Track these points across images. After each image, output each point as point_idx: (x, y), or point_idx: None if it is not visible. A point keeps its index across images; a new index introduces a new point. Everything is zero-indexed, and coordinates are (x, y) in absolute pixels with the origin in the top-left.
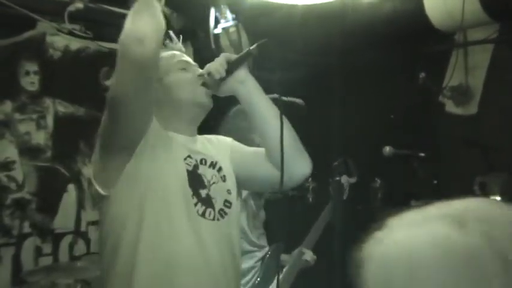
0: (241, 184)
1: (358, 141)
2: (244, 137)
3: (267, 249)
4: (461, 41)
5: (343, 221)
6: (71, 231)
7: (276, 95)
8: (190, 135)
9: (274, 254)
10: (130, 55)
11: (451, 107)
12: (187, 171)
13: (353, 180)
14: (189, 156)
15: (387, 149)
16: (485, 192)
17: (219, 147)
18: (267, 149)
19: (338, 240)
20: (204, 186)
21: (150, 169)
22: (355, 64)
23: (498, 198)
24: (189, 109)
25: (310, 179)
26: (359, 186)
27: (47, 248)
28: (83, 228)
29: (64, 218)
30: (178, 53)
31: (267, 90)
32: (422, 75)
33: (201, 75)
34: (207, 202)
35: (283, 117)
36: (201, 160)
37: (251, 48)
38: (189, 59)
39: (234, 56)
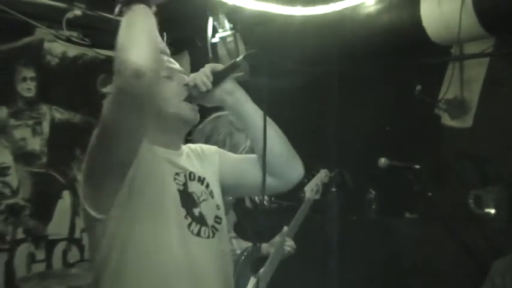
0: (231, 191)
1: (354, 153)
2: (226, 141)
3: (238, 252)
4: (457, 54)
5: (338, 232)
6: (65, 237)
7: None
8: (175, 149)
9: (249, 257)
10: (126, 88)
11: (446, 120)
12: (179, 190)
13: (326, 179)
14: (177, 174)
15: (382, 161)
16: (479, 206)
17: (204, 159)
18: (258, 155)
19: (332, 250)
20: (196, 204)
21: (139, 192)
22: (352, 75)
23: (492, 211)
24: (173, 123)
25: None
26: (354, 197)
27: (41, 255)
28: (77, 235)
29: (58, 225)
30: (164, 58)
31: (262, 99)
32: (418, 87)
33: (186, 85)
34: (201, 220)
35: (274, 124)
36: (190, 175)
37: (237, 59)
38: (174, 64)
39: (220, 66)
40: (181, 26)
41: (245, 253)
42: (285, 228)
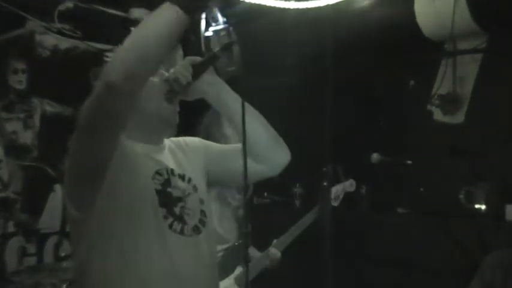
0: (218, 181)
1: (346, 148)
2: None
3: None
4: (450, 50)
5: (330, 227)
6: (56, 231)
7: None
8: (156, 144)
9: (238, 249)
10: (101, 97)
11: (438, 116)
12: (157, 190)
13: (351, 187)
14: (157, 172)
15: (375, 156)
16: (470, 201)
17: (188, 152)
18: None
19: (324, 246)
20: (177, 202)
21: (117, 192)
22: (345, 70)
23: (483, 207)
24: (153, 123)
25: (297, 185)
26: (346, 193)
27: (32, 248)
28: (68, 228)
29: (49, 218)
30: None
31: (256, 94)
32: (411, 82)
33: (167, 81)
34: (183, 218)
35: (256, 111)
36: (172, 172)
37: (216, 50)
38: None
39: (198, 59)
40: None
41: (229, 250)
42: (275, 242)
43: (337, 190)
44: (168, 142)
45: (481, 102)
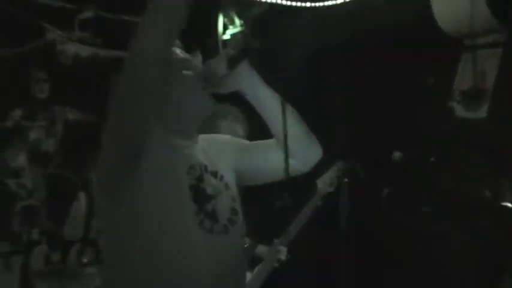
0: (249, 179)
1: (368, 147)
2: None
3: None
4: (470, 45)
5: (351, 225)
6: (79, 239)
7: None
8: (190, 139)
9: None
10: (133, 74)
11: (460, 111)
12: (191, 185)
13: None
14: (191, 168)
15: (397, 154)
16: (496, 198)
17: (218, 149)
18: (279, 140)
19: (345, 244)
20: (210, 199)
21: (150, 185)
22: (365, 68)
23: (510, 203)
24: (188, 116)
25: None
26: (368, 192)
27: (56, 256)
28: (92, 236)
29: (73, 226)
30: (177, 50)
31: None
32: (432, 79)
33: (202, 73)
34: (214, 216)
35: (290, 106)
36: (205, 168)
37: (251, 42)
38: (186, 54)
39: (234, 52)
40: (191, 24)
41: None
42: (276, 241)
43: (330, 177)
44: (200, 140)
45: (502, 96)
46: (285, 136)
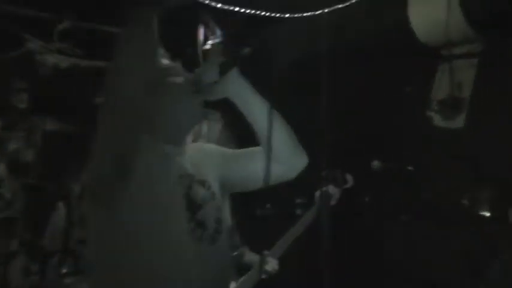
0: (235, 187)
1: (347, 155)
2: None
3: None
4: (447, 55)
5: (330, 233)
6: (59, 249)
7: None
8: (179, 146)
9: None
10: None
11: (438, 121)
12: (183, 194)
13: (348, 185)
14: (181, 176)
15: (375, 163)
16: (474, 206)
17: (203, 158)
18: (263, 144)
19: (323, 251)
20: (199, 208)
21: (143, 195)
22: (343, 77)
23: (487, 212)
24: (177, 123)
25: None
26: (348, 200)
27: (35, 267)
28: (71, 246)
29: (52, 237)
30: (162, 60)
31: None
32: (409, 89)
33: (192, 80)
34: (203, 225)
35: (277, 112)
36: (193, 177)
37: (244, 50)
38: (171, 63)
39: (223, 58)
40: (171, 35)
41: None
42: (266, 253)
43: (333, 189)
44: (187, 148)
45: (480, 106)
46: (269, 143)
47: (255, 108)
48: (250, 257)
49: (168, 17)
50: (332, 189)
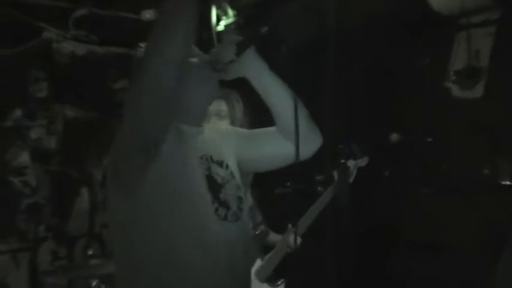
0: (252, 167)
1: (365, 129)
2: None
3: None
4: (463, 24)
5: (350, 207)
6: (85, 234)
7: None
8: (198, 127)
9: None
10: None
11: (457, 91)
12: (204, 175)
13: (363, 162)
14: (202, 157)
15: (394, 136)
16: (495, 175)
17: (221, 139)
18: (281, 126)
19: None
20: (220, 188)
21: (167, 176)
22: (359, 51)
23: (508, 180)
24: (196, 104)
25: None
26: (367, 174)
27: (62, 251)
28: (96, 230)
29: (77, 222)
30: None
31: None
32: (427, 60)
33: (209, 60)
34: (226, 204)
35: (294, 94)
36: (211, 158)
37: (260, 29)
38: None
39: (240, 38)
40: None
41: (256, 233)
42: (290, 226)
43: (350, 165)
44: (205, 129)
45: (498, 74)
46: (297, 123)
47: (272, 88)
48: (273, 236)
49: None
50: (350, 162)
